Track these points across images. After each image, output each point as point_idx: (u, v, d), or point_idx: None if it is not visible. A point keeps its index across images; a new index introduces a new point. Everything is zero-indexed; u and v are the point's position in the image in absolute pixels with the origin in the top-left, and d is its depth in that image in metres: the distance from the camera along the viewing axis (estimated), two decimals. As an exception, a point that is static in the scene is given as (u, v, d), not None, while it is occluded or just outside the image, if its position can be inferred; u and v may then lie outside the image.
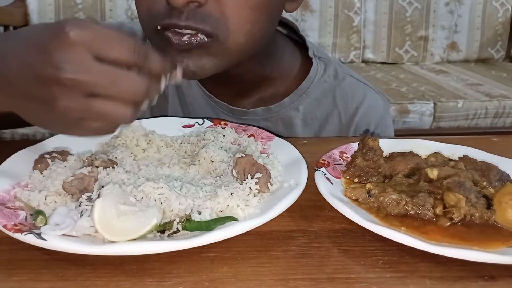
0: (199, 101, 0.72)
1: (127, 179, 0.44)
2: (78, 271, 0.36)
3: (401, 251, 0.39)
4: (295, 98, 0.70)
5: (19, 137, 1.61)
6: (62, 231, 0.36)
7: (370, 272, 0.37)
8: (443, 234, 0.40)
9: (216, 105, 0.71)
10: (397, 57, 2.41)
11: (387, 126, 0.75)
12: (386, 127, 0.74)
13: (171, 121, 0.61)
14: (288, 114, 0.70)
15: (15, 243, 0.37)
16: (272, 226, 0.41)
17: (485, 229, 0.41)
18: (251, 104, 0.71)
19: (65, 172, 0.44)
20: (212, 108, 0.71)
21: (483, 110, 1.91)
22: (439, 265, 0.38)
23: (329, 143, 0.58)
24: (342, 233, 0.42)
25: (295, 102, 0.70)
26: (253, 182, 0.44)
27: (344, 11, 2.28)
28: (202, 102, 0.71)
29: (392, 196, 0.43)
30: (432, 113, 1.89)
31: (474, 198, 0.43)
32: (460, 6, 2.38)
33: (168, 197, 0.40)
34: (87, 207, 0.39)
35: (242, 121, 0.70)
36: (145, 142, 0.53)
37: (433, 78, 2.20)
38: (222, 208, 0.41)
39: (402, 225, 0.41)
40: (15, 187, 0.43)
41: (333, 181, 0.47)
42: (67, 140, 0.53)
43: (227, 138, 0.56)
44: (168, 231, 0.38)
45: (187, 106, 0.73)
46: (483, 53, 2.47)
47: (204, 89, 0.71)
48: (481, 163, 0.51)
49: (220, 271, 0.37)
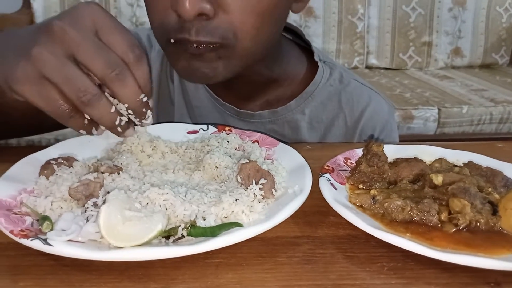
0: (205, 104, 0.72)
1: (132, 185, 0.44)
2: (84, 276, 0.36)
3: (406, 258, 0.39)
4: (301, 101, 0.70)
5: (25, 143, 1.62)
6: (68, 237, 0.36)
7: (375, 278, 0.37)
8: (448, 240, 0.40)
9: (223, 107, 0.71)
10: (401, 62, 2.41)
11: (392, 130, 0.76)
12: (391, 131, 0.75)
13: (176, 127, 0.62)
14: (294, 117, 0.71)
15: (20, 249, 0.37)
16: (276, 232, 0.41)
17: (490, 235, 0.41)
18: (257, 107, 0.71)
19: (71, 178, 0.45)
20: (219, 111, 0.71)
21: (487, 116, 1.90)
22: (445, 271, 0.38)
23: (333, 149, 0.58)
24: (347, 239, 0.42)
25: (301, 105, 0.70)
26: (258, 188, 0.44)
27: (348, 17, 2.29)
28: (209, 105, 0.72)
29: (397, 202, 0.43)
30: (437, 118, 1.89)
31: (479, 204, 0.43)
32: (464, 11, 2.39)
33: (173, 203, 0.41)
34: (92, 213, 0.39)
35: (248, 123, 0.70)
36: (150, 148, 0.54)
37: (437, 83, 2.20)
38: (227, 214, 0.41)
39: (407, 231, 0.41)
40: (21, 192, 0.44)
41: (337, 187, 0.47)
42: (72, 146, 0.54)
43: (231, 144, 0.57)
44: (173, 237, 0.38)
45: (193, 110, 0.73)
46: (487, 59, 2.47)
47: (210, 92, 0.71)
48: (486, 169, 0.51)
49: (224, 277, 0.37)
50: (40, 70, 0.37)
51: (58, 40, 0.38)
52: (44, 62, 0.37)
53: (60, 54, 0.38)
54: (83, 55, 0.38)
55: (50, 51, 0.37)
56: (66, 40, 0.37)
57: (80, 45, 0.37)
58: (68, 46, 0.37)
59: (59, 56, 0.37)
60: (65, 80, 0.38)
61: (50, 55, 0.37)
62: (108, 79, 0.39)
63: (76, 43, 0.37)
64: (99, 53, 0.38)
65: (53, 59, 0.37)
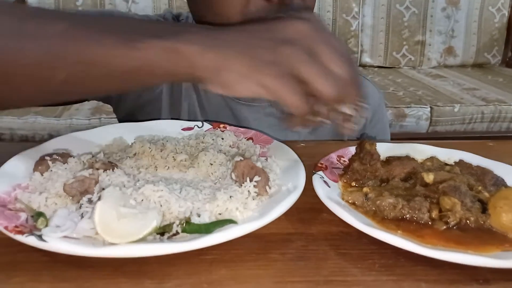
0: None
1: (127, 181, 0.44)
2: (78, 272, 0.36)
3: (397, 255, 0.40)
4: None
5: (18, 139, 1.61)
6: (63, 233, 0.36)
7: (367, 275, 0.38)
8: (438, 237, 0.40)
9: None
10: (395, 61, 2.42)
11: (384, 115, 0.81)
12: (383, 115, 0.80)
13: (170, 123, 0.62)
14: None
15: (14, 245, 0.37)
16: (270, 229, 0.41)
17: (480, 233, 0.42)
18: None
19: (66, 174, 0.45)
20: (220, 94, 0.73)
21: (479, 115, 1.92)
22: (435, 268, 0.38)
23: (327, 146, 0.59)
24: (339, 236, 0.43)
25: None
26: (252, 185, 0.44)
27: (342, 15, 2.30)
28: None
29: (389, 200, 0.44)
30: (429, 117, 1.90)
31: (469, 202, 0.44)
32: (457, 11, 2.40)
33: (167, 200, 0.41)
34: (87, 209, 0.39)
35: (249, 107, 0.71)
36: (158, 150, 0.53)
37: (430, 82, 2.22)
38: (221, 211, 0.42)
39: (398, 229, 0.41)
40: (16, 188, 0.44)
41: (330, 185, 0.48)
42: (67, 142, 0.54)
43: (226, 141, 0.57)
44: (168, 234, 0.39)
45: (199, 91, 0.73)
46: (480, 58, 2.49)
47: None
48: (476, 168, 0.52)
49: (218, 273, 0.37)
50: (293, 67, 0.38)
51: (305, 37, 0.39)
52: (298, 60, 0.38)
53: (308, 53, 0.38)
54: (323, 57, 0.38)
55: (301, 49, 0.38)
56: (312, 36, 0.39)
57: (323, 48, 0.38)
58: (310, 44, 0.38)
59: (307, 54, 0.38)
60: (321, 75, 0.38)
61: (303, 53, 0.38)
62: (331, 101, 0.40)
63: (316, 43, 0.38)
64: (327, 77, 0.38)
65: (307, 57, 0.38)
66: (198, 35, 0.39)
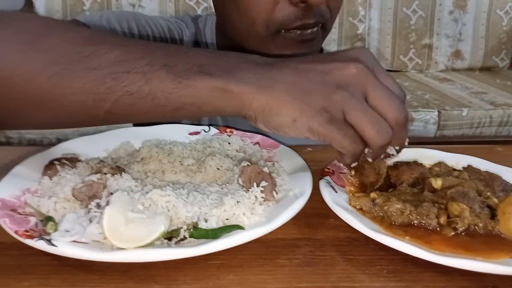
0: None
1: (135, 186, 0.45)
2: (87, 276, 0.37)
3: (405, 261, 0.39)
4: None
5: (26, 142, 1.63)
6: (72, 238, 0.37)
7: (375, 281, 0.38)
8: (447, 244, 0.40)
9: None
10: (402, 65, 2.41)
11: None
12: None
13: (177, 128, 0.62)
14: None
15: (24, 249, 0.37)
16: (277, 234, 0.42)
17: (489, 239, 0.41)
18: None
19: (74, 179, 0.45)
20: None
21: (487, 119, 1.91)
22: (443, 274, 0.38)
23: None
24: (347, 241, 0.43)
25: None
26: (259, 190, 0.45)
27: (349, 19, 2.29)
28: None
29: (396, 206, 0.43)
30: (437, 121, 1.89)
31: (478, 208, 0.43)
32: (465, 14, 2.39)
33: (175, 205, 0.41)
34: (96, 214, 0.40)
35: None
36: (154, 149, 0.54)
37: (437, 86, 2.21)
38: (228, 216, 0.42)
39: (406, 235, 0.41)
40: (25, 193, 0.44)
41: (337, 190, 0.48)
42: (74, 146, 0.54)
43: (232, 146, 0.57)
44: (175, 239, 0.39)
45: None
46: (488, 62, 2.47)
47: None
48: (485, 173, 0.52)
49: (226, 279, 0.37)
50: (344, 112, 0.38)
51: (360, 80, 0.38)
52: (349, 107, 0.38)
53: (359, 97, 0.38)
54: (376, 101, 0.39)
55: (353, 95, 0.38)
56: (366, 80, 0.39)
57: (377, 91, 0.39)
58: (365, 88, 0.39)
59: (359, 99, 0.38)
60: (369, 122, 0.38)
61: (354, 99, 0.38)
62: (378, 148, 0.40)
63: (372, 86, 0.39)
64: (375, 125, 0.38)
65: (357, 103, 0.38)
66: (250, 73, 0.39)
